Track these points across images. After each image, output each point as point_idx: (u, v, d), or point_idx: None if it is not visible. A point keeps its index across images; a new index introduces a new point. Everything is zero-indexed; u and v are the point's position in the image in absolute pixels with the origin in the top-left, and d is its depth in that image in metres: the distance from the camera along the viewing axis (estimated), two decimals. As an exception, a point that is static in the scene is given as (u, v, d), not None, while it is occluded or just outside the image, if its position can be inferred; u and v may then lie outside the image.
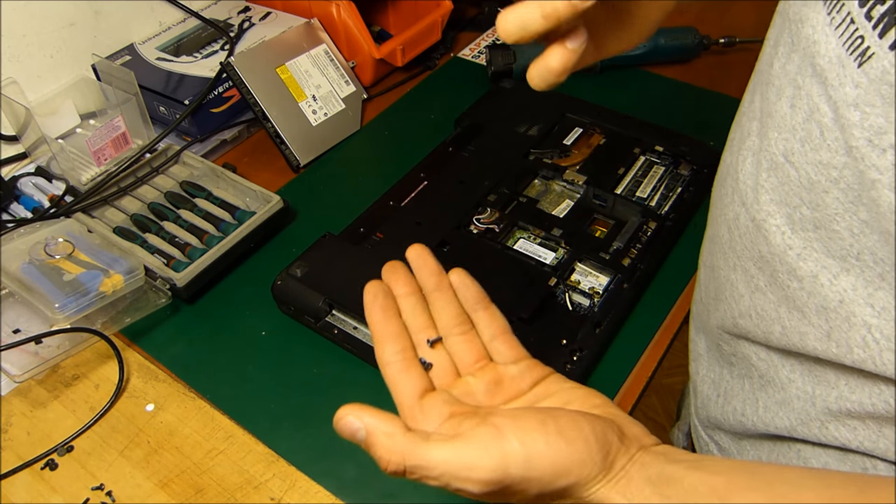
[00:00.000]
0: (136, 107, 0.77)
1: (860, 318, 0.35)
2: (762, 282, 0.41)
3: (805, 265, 0.37)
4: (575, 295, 0.63)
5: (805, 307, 0.38)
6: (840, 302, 0.36)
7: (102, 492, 0.54)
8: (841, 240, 0.35)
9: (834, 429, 0.39)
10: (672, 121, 0.80)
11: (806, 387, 0.41)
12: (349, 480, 0.54)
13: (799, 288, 0.38)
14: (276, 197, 0.71)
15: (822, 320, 0.37)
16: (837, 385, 0.39)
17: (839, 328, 0.36)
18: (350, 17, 0.87)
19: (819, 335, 0.37)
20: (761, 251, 0.40)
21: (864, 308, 0.34)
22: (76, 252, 0.64)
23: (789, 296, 0.39)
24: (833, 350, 0.36)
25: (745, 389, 0.47)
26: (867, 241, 0.34)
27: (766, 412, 0.44)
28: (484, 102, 0.84)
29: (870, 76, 0.31)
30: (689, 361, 0.56)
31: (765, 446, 0.47)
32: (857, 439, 0.39)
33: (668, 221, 0.69)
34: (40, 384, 0.61)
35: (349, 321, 0.62)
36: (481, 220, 0.69)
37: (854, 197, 0.34)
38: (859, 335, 0.35)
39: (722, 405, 0.50)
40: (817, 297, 0.37)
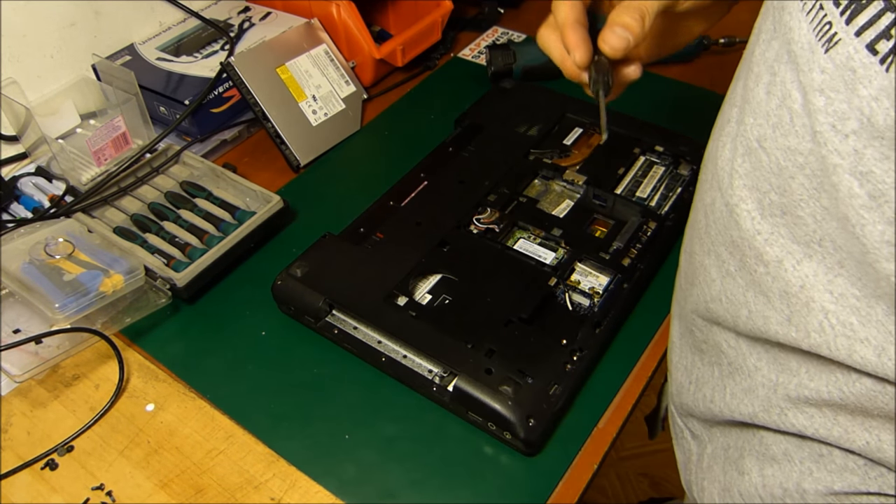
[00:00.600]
0: (136, 107, 0.77)
1: (819, 303, 0.35)
2: (732, 266, 0.42)
3: (771, 250, 0.38)
4: (575, 295, 0.63)
5: (769, 291, 0.38)
6: (801, 287, 0.36)
7: (102, 492, 0.54)
8: (805, 226, 0.36)
9: (792, 416, 0.40)
10: (672, 121, 0.80)
11: (770, 374, 0.41)
12: (349, 480, 0.54)
13: (765, 273, 0.38)
14: (276, 197, 0.71)
15: (783, 305, 0.37)
16: (798, 373, 0.39)
17: (799, 313, 0.37)
18: (350, 17, 0.87)
19: (780, 319, 0.38)
20: (732, 236, 0.41)
21: (824, 294, 0.35)
22: (76, 252, 0.64)
23: (756, 280, 0.39)
24: (792, 334, 0.37)
25: (715, 376, 0.47)
26: (828, 227, 0.34)
27: (732, 399, 0.45)
28: (484, 102, 0.84)
29: (835, 62, 0.32)
30: (668, 349, 0.57)
31: (732, 433, 0.47)
32: (814, 426, 0.39)
33: (668, 221, 0.69)
34: (40, 384, 0.61)
35: (349, 321, 0.62)
36: (481, 220, 0.69)
37: (817, 183, 0.34)
38: (816, 320, 0.36)
39: (693, 392, 0.50)
40: (781, 282, 0.37)
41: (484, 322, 0.59)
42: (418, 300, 0.62)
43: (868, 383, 0.35)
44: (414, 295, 0.63)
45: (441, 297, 0.63)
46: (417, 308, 0.61)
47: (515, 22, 1.06)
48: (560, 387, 0.55)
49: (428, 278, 0.64)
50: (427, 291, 0.64)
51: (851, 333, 0.34)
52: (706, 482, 0.51)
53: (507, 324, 0.59)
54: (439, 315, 0.61)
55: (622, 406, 0.58)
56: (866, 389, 0.36)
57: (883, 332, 0.33)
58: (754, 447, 0.45)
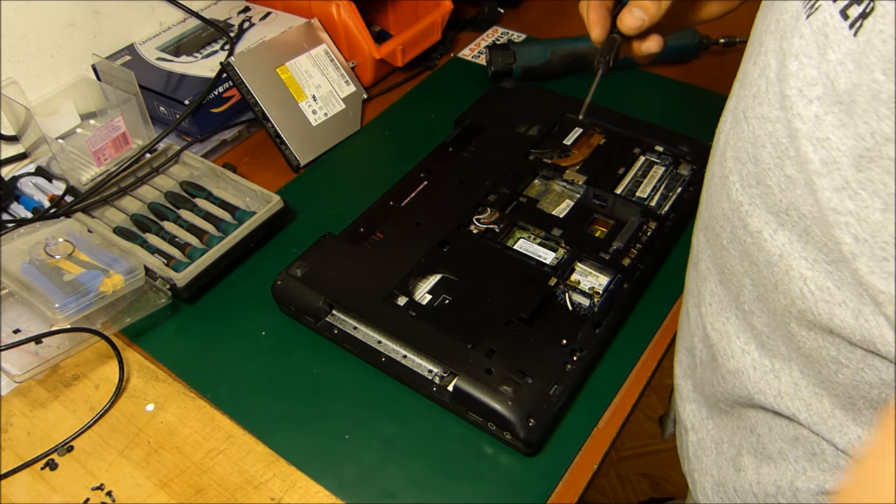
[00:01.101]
0: (136, 107, 0.77)
1: (797, 270, 0.36)
2: (725, 239, 0.42)
3: (752, 221, 0.38)
4: (575, 295, 0.63)
5: (758, 261, 0.39)
6: (780, 256, 0.37)
7: (102, 492, 0.54)
8: (773, 195, 0.36)
9: (789, 400, 0.41)
10: (672, 121, 0.80)
11: (764, 360, 0.42)
12: (349, 480, 0.54)
13: (752, 243, 0.39)
14: (276, 197, 0.71)
15: (770, 274, 0.38)
16: (790, 362, 0.40)
17: (783, 281, 0.37)
18: (350, 17, 0.87)
19: (771, 287, 0.38)
20: (724, 208, 0.42)
21: (800, 261, 0.36)
22: (76, 252, 0.64)
23: (746, 251, 0.40)
24: (783, 301, 0.38)
25: (707, 360, 0.48)
26: (792, 196, 0.35)
27: (724, 382, 0.46)
28: (484, 102, 0.84)
29: (813, 27, 0.32)
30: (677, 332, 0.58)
31: (728, 428, 0.48)
32: (808, 412, 0.40)
33: (668, 221, 0.69)
34: (40, 384, 0.61)
35: (349, 321, 0.62)
36: (481, 220, 0.69)
37: (782, 151, 0.35)
38: (797, 287, 0.36)
39: (697, 373, 0.51)
40: (764, 252, 0.38)
41: (484, 322, 0.59)
42: (418, 300, 0.62)
43: (853, 368, 0.36)
44: (414, 295, 0.63)
45: (441, 297, 0.63)
46: (417, 308, 0.61)
47: (515, 22, 1.05)
48: (560, 387, 0.55)
49: (428, 278, 0.64)
50: (427, 291, 0.64)
51: (830, 298, 0.35)
52: (696, 474, 0.52)
53: (507, 324, 0.59)
54: (439, 315, 0.61)
55: (622, 406, 0.58)
56: (852, 373, 0.36)
57: (857, 294, 0.33)
58: (752, 445, 0.45)
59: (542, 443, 0.55)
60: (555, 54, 0.91)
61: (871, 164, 0.30)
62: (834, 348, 0.36)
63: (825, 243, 0.34)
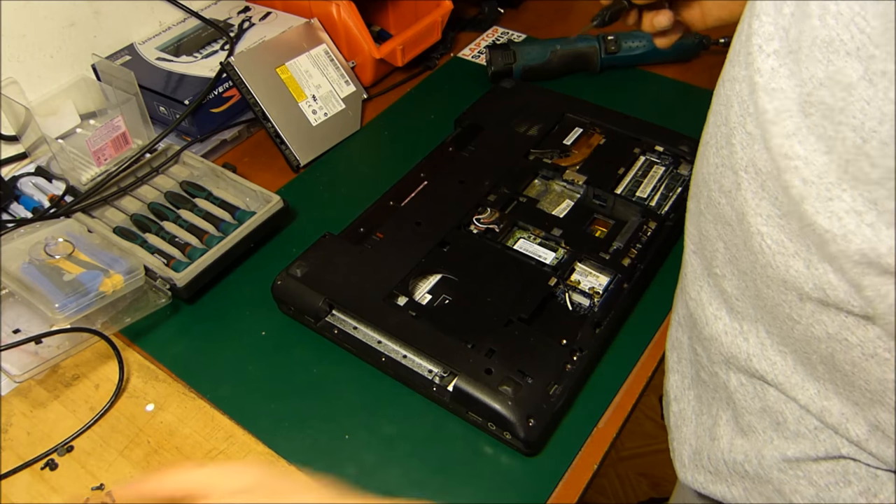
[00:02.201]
0: (136, 107, 0.77)
1: (755, 227, 0.38)
2: (703, 203, 0.44)
3: (724, 181, 0.40)
4: (575, 295, 0.63)
5: (730, 221, 0.41)
6: (743, 214, 0.39)
7: (102, 492, 0.54)
8: (736, 154, 0.38)
9: (756, 362, 0.43)
10: (672, 121, 0.80)
11: (733, 323, 0.44)
12: (349, 480, 0.54)
13: (725, 203, 0.41)
14: (276, 197, 0.71)
15: (740, 231, 0.40)
16: (756, 325, 0.42)
17: (747, 237, 0.39)
18: (350, 17, 0.87)
19: (740, 245, 0.40)
20: (703, 173, 0.44)
21: (756, 217, 0.38)
22: (76, 252, 0.64)
23: (720, 213, 0.42)
24: (749, 257, 0.40)
25: (686, 329, 0.51)
26: (751, 152, 0.37)
27: (706, 348, 0.48)
28: (484, 102, 0.84)
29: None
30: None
31: (704, 398, 0.50)
32: (774, 372, 0.42)
33: (668, 221, 0.69)
34: (40, 384, 0.61)
35: (349, 321, 0.62)
36: (481, 220, 0.69)
37: (745, 108, 0.37)
38: (757, 243, 0.38)
39: (677, 337, 0.54)
40: (734, 211, 0.40)
41: (484, 322, 0.59)
42: (418, 300, 0.62)
43: (804, 324, 0.38)
44: (414, 295, 0.63)
45: (441, 297, 0.63)
46: (417, 308, 0.61)
47: (515, 22, 1.06)
48: (560, 387, 0.55)
49: (428, 278, 0.64)
50: (427, 291, 0.64)
51: (784, 250, 0.37)
52: (676, 443, 0.53)
53: (507, 324, 0.59)
54: (439, 315, 0.61)
55: (622, 406, 0.58)
56: (804, 328, 0.38)
57: (805, 245, 0.35)
58: (728, 417, 0.48)
59: (542, 443, 0.55)
60: (555, 54, 0.91)
61: (812, 109, 0.32)
62: (787, 305, 0.38)
63: (776, 196, 0.36)
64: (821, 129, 0.32)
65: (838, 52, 0.30)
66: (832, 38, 0.31)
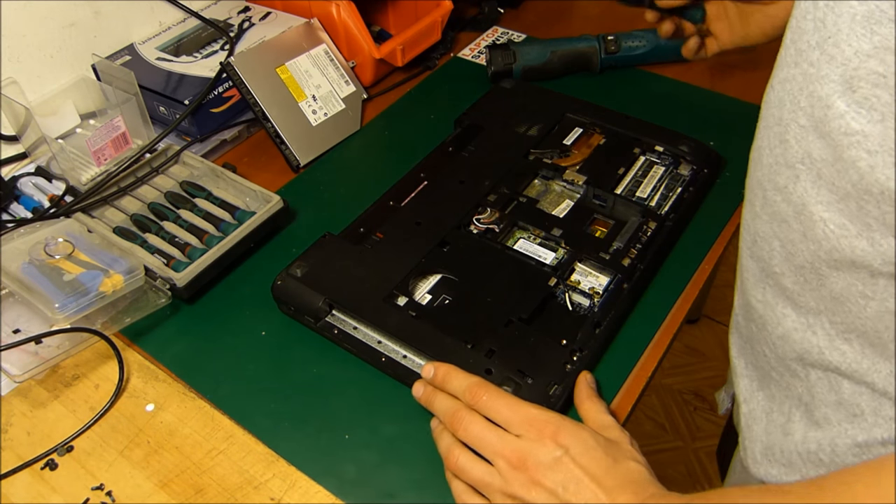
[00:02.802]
0: (136, 107, 0.77)
1: (817, 214, 0.41)
2: (758, 206, 0.47)
3: (779, 179, 0.43)
4: (575, 295, 0.63)
5: (787, 217, 0.44)
6: (803, 204, 0.41)
7: (102, 492, 0.54)
8: (790, 149, 0.41)
9: (829, 354, 0.45)
10: (672, 121, 0.80)
11: (802, 318, 0.47)
12: (349, 480, 0.54)
13: (781, 200, 0.44)
14: (276, 197, 0.71)
15: (798, 224, 0.43)
16: (819, 316, 0.45)
17: (809, 228, 0.42)
18: (350, 17, 0.87)
19: (800, 237, 0.43)
20: (758, 176, 0.47)
21: (818, 206, 0.40)
22: (76, 252, 0.64)
23: (776, 211, 0.45)
24: (812, 247, 0.42)
25: (752, 330, 0.54)
26: (805, 144, 0.40)
27: (775, 346, 0.50)
28: (484, 102, 0.84)
29: None
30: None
31: (776, 398, 0.53)
32: (847, 362, 0.44)
33: (668, 221, 0.69)
34: (40, 384, 0.61)
35: (349, 321, 0.62)
36: (481, 220, 0.69)
37: (795, 105, 0.40)
38: (820, 230, 0.41)
39: (744, 342, 0.56)
40: (791, 205, 0.43)
41: (484, 322, 0.59)
42: (418, 300, 0.62)
43: (878, 299, 0.40)
44: (414, 295, 0.63)
45: (441, 297, 0.63)
46: (417, 308, 0.61)
47: (515, 22, 1.06)
48: (560, 387, 0.55)
49: (428, 278, 0.64)
50: (427, 291, 0.64)
51: (847, 232, 0.39)
52: (747, 441, 0.56)
53: (506, 324, 0.59)
54: (439, 315, 0.61)
55: (622, 406, 0.58)
56: (878, 304, 0.40)
57: (864, 224, 0.38)
58: (801, 413, 0.50)
59: (541, 443, 0.55)
60: (555, 54, 0.91)
61: (860, 83, 0.35)
62: (861, 283, 0.40)
63: (833, 182, 0.38)
64: (873, 100, 0.34)
65: (880, 21, 0.33)
66: (871, 11, 0.33)
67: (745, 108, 0.86)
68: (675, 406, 1.58)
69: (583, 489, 0.46)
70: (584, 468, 0.46)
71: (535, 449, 0.47)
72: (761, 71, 0.92)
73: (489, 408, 0.51)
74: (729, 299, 0.59)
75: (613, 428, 0.51)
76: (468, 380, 0.53)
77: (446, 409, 0.52)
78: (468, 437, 0.50)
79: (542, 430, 0.48)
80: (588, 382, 0.56)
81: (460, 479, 0.50)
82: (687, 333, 1.70)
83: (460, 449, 0.50)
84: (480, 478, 0.49)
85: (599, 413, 0.53)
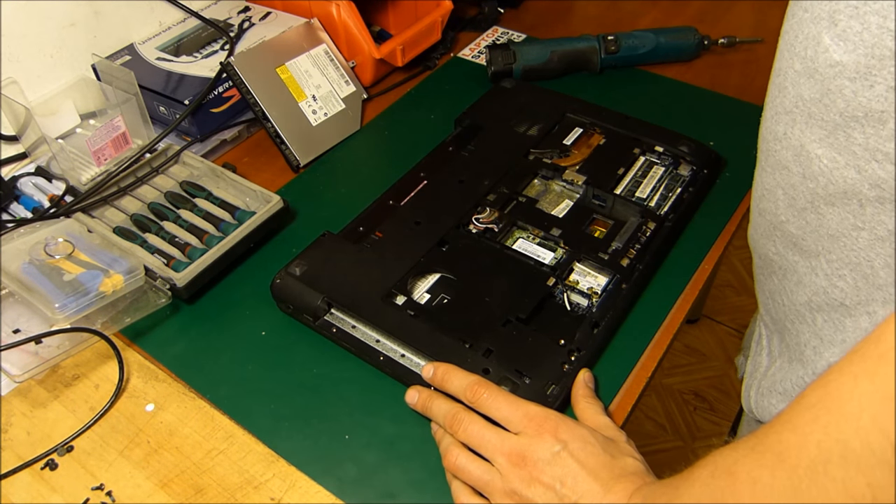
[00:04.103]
0: (136, 107, 0.77)
1: (813, 152, 0.44)
2: (763, 161, 0.50)
3: (779, 127, 0.47)
4: (573, 295, 0.63)
5: (788, 163, 0.47)
6: (801, 146, 0.45)
7: (102, 492, 0.54)
8: (787, 96, 0.45)
9: (830, 288, 0.48)
10: (672, 121, 0.80)
11: (807, 262, 0.50)
12: (349, 480, 0.54)
13: (781, 148, 0.47)
14: (276, 197, 0.71)
15: (798, 167, 0.46)
16: (819, 259, 0.48)
17: (807, 166, 0.45)
18: (350, 17, 0.87)
19: (800, 180, 0.46)
20: (763, 134, 0.50)
21: (812, 144, 0.44)
22: (76, 252, 0.64)
23: (778, 160, 0.48)
24: (810, 185, 0.45)
25: (775, 283, 0.56)
26: (797, 87, 0.43)
27: (791, 294, 0.53)
28: (484, 102, 0.84)
29: None
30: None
31: (798, 364, 0.55)
32: (849, 296, 0.47)
33: (668, 222, 0.69)
34: (40, 384, 0.62)
35: (348, 320, 0.62)
36: (480, 219, 0.69)
37: (791, 53, 0.43)
38: (817, 166, 0.44)
39: (769, 301, 0.59)
40: (791, 150, 0.46)
41: (482, 322, 0.59)
42: (417, 299, 0.62)
43: (867, 229, 0.43)
44: (412, 294, 0.63)
45: (440, 296, 0.63)
46: (416, 307, 0.61)
47: (515, 22, 1.06)
48: (557, 387, 0.56)
49: (426, 277, 0.65)
50: (426, 291, 0.64)
51: (837, 165, 0.43)
52: (765, 382, 0.59)
53: (505, 323, 0.59)
54: (437, 314, 0.61)
55: (621, 407, 0.58)
56: (868, 233, 0.43)
57: (851, 153, 0.42)
58: (811, 355, 0.53)
59: (541, 443, 0.55)
60: (555, 54, 0.91)
61: (839, 16, 0.38)
62: (852, 215, 0.44)
63: (822, 117, 0.42)
64: (848, 31, 0.38)
65: None
66: None
67: (745, 108, 0.86)
68: (675, 406, 1.58)
69: (580, 483, 0.46)
70: (581, 462, 0.47)
71: (534, 445, 0.48)
72: (761, 71, 0.92)
73: (489, 405, 0.51)
74: (729, 299, 0.60)
75: (610, 428, 0.52)
76: (468, 378, 0.53)
77: (445, 412, 0.52)
78: (468, 437, 0.50)
79: (541, 425, 0.49)
80: (586, 381, 0.56)
81: (460, 479, 0.50)
82: (687, 333, 1.70)
83: (459, 448, 0.50)
84: (480, 476, 0.49)
85: (596, 413, 0.53)
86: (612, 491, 0.46)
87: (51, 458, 0.56)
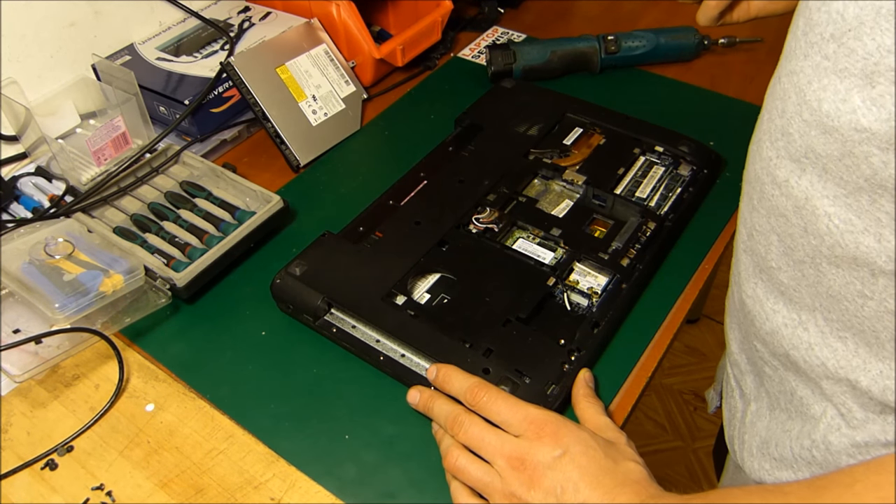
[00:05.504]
0: (136, 107, 0.77)
1: (822, 209, 0.40)
2: (755, 199, 0.47)
3: (779, 172, 0.43)
4: (573, 295, 0.63)
5: (786, 211, 0.43)
6: (806, 199, 0.41)
7: (102, 492, 0.54)
8: (793, 143, 0.41)
9: (818, 350, 0.45)
10: (672, 121, 0.80)
11: (791, 314, 0.46)
12: (349, 480, 0.54)
13: (780, 194, 0.43)
14: (276, 197, 0.71)
15: (798, 219, 0.42)
16: (814, 313, 0.45)
17: (811, 222, 0.41)
18: (350, 17, 0.87)
19: (800, 232, 0.42)
20: (755, 169, 0.46)
21: (823, 200, 0.40)
22: (76, 252, 0.64)
23: (774, 205, 0.44)
24: (812, 242, 0.42)
25: (745, 328, 0.54)
26: (808, 139, 0.39)
27: (764, 342, 0.50)
28: (484, 102, 0.84)
29: None
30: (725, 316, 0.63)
31: (781, 399, 0.52)
32: (836, 358, 0.44)
33: (668, 222, 0.69)
34: (40, 384, 0.62)
35: (348, 320, 0.62)
36: (480, 219, 0.69)
37: (801, 98, 0.39)
38: (824, 224, 0.40)
39: (740, 341, 0.57)
40: (792, 199, 0.42)
41: (482, 321, 0.59)
42: (417, 299, 0.62)
43: (877, 299, 0.40)
44: (412, 294, 0.63)
45: (439, 296, 0.63)
46: (416, 307, 0.61)
47: (515, 22, 1.06)
48: (557, 387, 0.56)
49: (427, 277, 0.65)
50: (426, 291, 0.64)
51: (853, 227, 0.39)
52: (747, 436, 0.56)
53: (505, 323, 0.59)
54: (437, 314, 0.61)
55: (621, 407, 0.58)
56: (876, 304, 0.40)
57: (874, 219, 0.38)
58: (797, 409, 0.50)
59: (541, 443, 0.55)
60: (555, 54, 0.91)
61: (880, 78, 0.34)
62: (860, 282, 0.40)
63: (841, 176, 0.38)
64: (886, 97, 0.34)
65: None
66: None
67: (745, 108, 0.86)
68: (675, 406, 1.58)
69: (581, 490, 0.46)
70: (582, 468, 0.46)
71: (535, 448, 0.48)
72: (761, 71, 0.92)
73: (489, 408, 0.51)
74: (729, 299, 0.59)
75: (610, 429, 0.51)
76: (469, 380, 0.53)
77: (446, 413, 0.52)
78: (468, 438, 0.50)
79: (541, 429, 0.48)
80: (586, 381, 0.56)
81: (459, 480, 0.50)
82: (687, 333, 1.70)
83: (459, 449, 0.50)
84: (479, 478, 0.49)
85: (596, 414, 0.53)
86: (616, 501, 0.45)
87: (51, 458, 0.56)
